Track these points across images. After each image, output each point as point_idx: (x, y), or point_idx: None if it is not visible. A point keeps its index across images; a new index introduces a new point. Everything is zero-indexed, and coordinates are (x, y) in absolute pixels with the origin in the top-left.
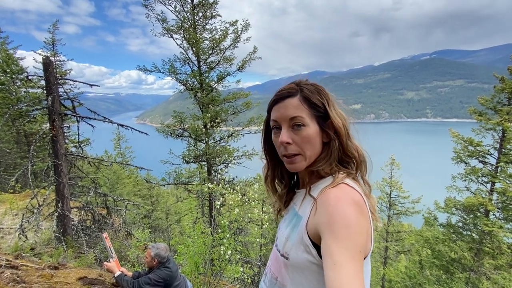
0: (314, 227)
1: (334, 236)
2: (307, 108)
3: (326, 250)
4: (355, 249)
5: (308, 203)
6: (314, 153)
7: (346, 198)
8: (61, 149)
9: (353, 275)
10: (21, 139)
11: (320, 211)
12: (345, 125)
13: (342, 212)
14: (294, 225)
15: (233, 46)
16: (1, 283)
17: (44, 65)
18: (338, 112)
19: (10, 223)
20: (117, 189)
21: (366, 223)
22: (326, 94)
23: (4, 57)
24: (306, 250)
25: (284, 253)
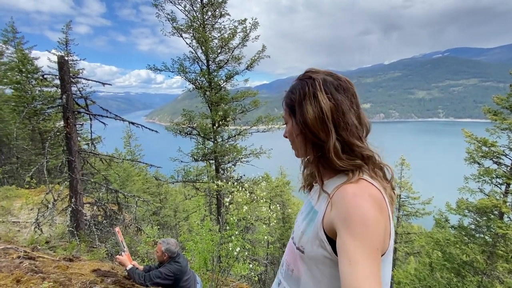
0: (330, 223)
1: (350, 232)
2: (286, 108)
3: (342, 247)
4: (372, 246)
5: (324, 198)
6: (298, 146)
7: (364, 194)
8: (74, 146)
9: (369, 272)
10: (36, 136)
11: (336, 207)
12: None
13: (359, 208)
14: (310, 220)
15: (241, 45)
16: (21, 272)
17: (59, 64)
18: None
19: (26, 217)
20: (127, 186)
21: (384, 219)
22: (300, 89)
23: (20, 57)
24: (321, 245)
25: (299, 247)
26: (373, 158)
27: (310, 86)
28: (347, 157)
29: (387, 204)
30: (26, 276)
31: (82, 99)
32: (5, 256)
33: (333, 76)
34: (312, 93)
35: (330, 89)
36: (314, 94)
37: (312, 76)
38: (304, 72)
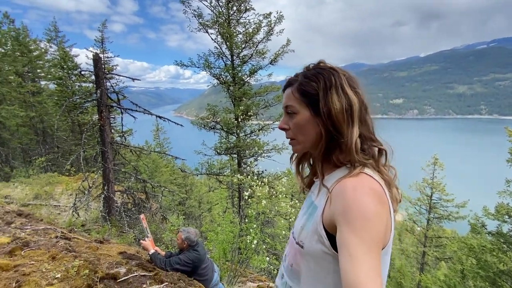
0: (330, 218)
1: (350, 227)
2: (298, 97)
3: (342, 242)
4: (372, 240)
5: (324, 192)
6: (308, 139)
7: (364, 188)
8: (107, 138)
9: (369, 267)
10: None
11: (336, 201)
12: (345, 108)
13: (359, 202)
14: (310, 214)
15: (266, 39)
16: (57, 250)
17: (94, 61)
18: (340, 94)
19: (65, 202)
20: (155, 176)
21: (385, 213)
22: (325, 78)
23: (61, 55)
24: (319, 240)
25: (299, 242)
26: (385, 153)
27: (336, 77)
28: (363, 154)
29: (387, 197)
30: (60, 254)
31: (115, 94)
32: (45, 235)
33: (346, 72)
34: (340, 85)
35: (354, 84)
36: (342, 86)
37: (335, 68)
38: (317, 63)
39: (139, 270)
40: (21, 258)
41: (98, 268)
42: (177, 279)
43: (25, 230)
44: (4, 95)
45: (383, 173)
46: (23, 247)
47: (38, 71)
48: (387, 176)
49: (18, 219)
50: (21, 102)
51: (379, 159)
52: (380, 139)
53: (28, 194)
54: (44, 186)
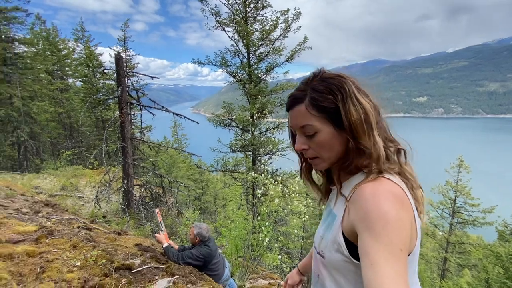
0: (350, 226)
1: (370, 234)
2: (315, 114)
3: (363, 250)
4: (395, 247)
5: (342, 200)
6: (333, 154)
7: (383, 192)
8: (127, 134)
9: (393, 275)
10: (99, 123)
11: (355, 208)
12: (363, 118)
13: (379, 208)
14: (329, 224)
15: (283, 37)
16: (78, 239)
17: (116, 60)
18: (356, 104)
19: (89, 194)
20: (173, 172)
21: (408, 217)
22: (340, 88)
23: (87, 53)
24: (338, 250)
25: (320, 252)
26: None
27: (348, 86)
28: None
29: (410, 200)
30: (81, 243)
31: (135, 91)
32: (68, 225)
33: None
34: (353, 93)
35: (362, 88)
36: (354, 94)
37: (343, 76)
38: (320, 73)
39: (153, 262)
40: (46, 245)
41: (115, 258)
42: (188, 273)
43: (51, 219)
44: (36, 92)
45: (406, 173)
46: (48, 236)
47: (66, 69)
48: (411, 177)
49: (45, 208)
50: (51, 98)
51: (399, 159)
52: (397, 138)
53: (56, 185)
54: (70, 178)
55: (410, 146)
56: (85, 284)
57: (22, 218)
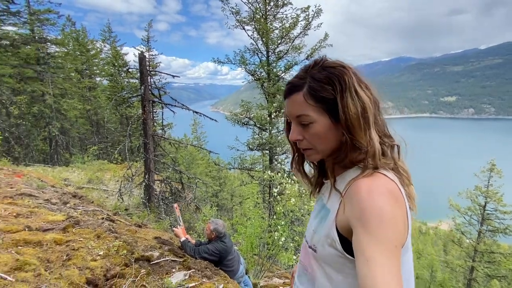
0: (345, 221)
1: (366, 230)
2: (313, 103)
3: (358, 246)
4: (390, 243)
5: (336, 195)
6: (328, 147)
7: (379, 188)
8: (149, 131)
9: (388, 271)
10: (123, 120)
11: (350, 203)
12: (360, 112)
13: (374, 204)
14: (322, 218)
15: (303, 34)
16: (101, 230)
17: (139, 60)
18: (354, 97)
19: (113, 187)
20: (192, 168)
21: (402, 213)
22: (339, 79)
23: (113, 53)
24: (332, 244)
25: (312, 246)
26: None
27: (349, 77)
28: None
29: (403, 196)
30: (104, 234)
31: (157, 90)
32: (93, 216)
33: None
34: (353, 86)
35: (364, 81)
36: (354, 87)
37: (345, 66)
38: (321, 60)
39: (170, 255)
40: (72, 234)
41: (135, 250)
42: (204, 267)
43: (78, 210)
44: (66, 90)
45: (400, 169)
46: (75, 225)
47: (94, 68)
48: (404, 173)
49: (73, 200)
50: (79, 96)
51: (393, 155)
52: (393, 135)
53: (83, 178)
54: (96, 172)
55: (405, 143)
56: (107, 273)
57: (51, 208)
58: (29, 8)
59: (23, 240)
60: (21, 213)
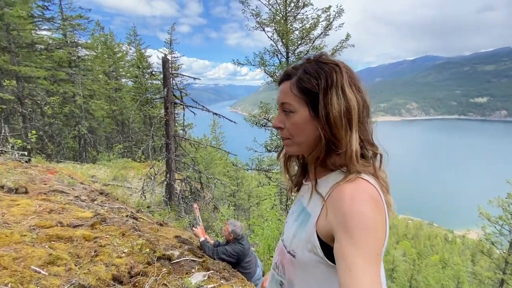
0: (326, 227)
1: (349, 238)
2: (296, 94)
3: (340, 253)
4: (373, 252)
5: (317, 199)
6: (305, 141)
7: (363, 195)
8: (171, 131)
9: (370, 280)
10: (146, 121)
11: (333, 210)
12: (343, 112)
13: (357, 212)
14: (302, 222)
15: (323, 35)
16: (126, 228)
17: (163, 62)
18: (339, 96)
19: (136, 185)
20: (210, 168)
21: (382, 220)
22: (327, 75)
23: (138, 56)
24: (313, 250)
25: (290, 251)
26: (381, 157)
27: (338, 75)
28: (363, 161)
29: (383, 201)
30: (129, 231)
31: (179, 91)
32: (118, 213)
33: (347, 66)
34: (340, 84)
35: (356, 82)
36: (342, 85)
37: (339, 64)
38: (319, 55)
39: (190, 255)
40: (99, 231)
41: (157, 248)
42: (222, 269)
43: (104, 207)
44: (94, 91)
45: (380, 178)
46: (102, 222)
47: (120, 70)
48: (384, 182)
49: (99, 197)
50: (106, 97)
51: (374, 164)
52: (376, 143)
53: (108, 175)
54: (120, 170)
55: (387, 153)
56: (131, 270)
57: (81, 204)
58: (62, 14)
59: (56, 235)
60: (54, 209)
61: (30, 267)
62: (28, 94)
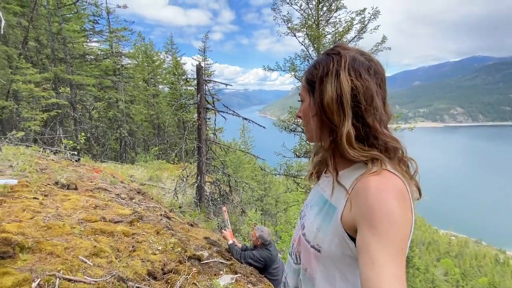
0: (351, 220)
1: (374, 232)
2: (304, 84)
3: (364, 247)
4: (398, 247)
5: (341, 191)
6: (311, 129)
7: (390, 189)
8: (203, 135)
9: (394, 276)
10: (180, 124)
11: (357, 202)
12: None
13: (385, 206)
14: (326, 215)
15: (357, 38)
16: (160, 226)
17: (197, 70)
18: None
19: (169, 185)
20: (239, 171)
21: (410, 215)
22: (323, 65)
23: (174, 63)
24: (341, 243)
25: (315, 245)
26: (398, 151)
27: (335, 62)
28: (361, 147)
29: (410, 197)
30: (162, 230)
31: (211, 97)
32: (153, 212)
33: (365, 55)
34: (335, 71)
35: (359, 69)
36: (337, 72)
37: (340, 52)
38: (333, 46)
39: (219, 257)
40: (137, 228)
41: (188, 248)
42: (249, 273)
43: (141, 205)
44: (135, 97)
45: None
46: (139, 220)
47: (157, 77)
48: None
49: (137, 196)
50: (145, 102)
51: (391, 155)
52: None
53: (145, 175)
54: (156, 171)
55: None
56: (164, 267)
57: (121, 202)
58: (109, 27)
59: (100, 229)
60: (98, 205)
61: (78, 256)
62: (79, 100)
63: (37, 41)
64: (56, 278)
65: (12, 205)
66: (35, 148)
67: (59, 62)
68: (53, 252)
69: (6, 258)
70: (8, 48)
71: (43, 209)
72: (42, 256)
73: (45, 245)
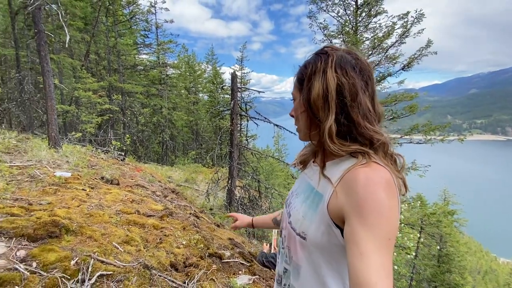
0: (337, 208)
1: (362, 222)
2: (295, 84)
3: (352, 237)
4: (386, 237)
5: (327, 181)
6: (302, 127)
7: (378, 180)
8: (235, 141)
9: (381, 266)
10: (217, 130)
11: (346, 192)
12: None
13: (373, 196)
14: (312, 203)
15: (399, 43)
16: (187, 223)
17: (231, 78)
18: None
19: (203, 188)
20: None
21: (396, 205)
22: (311, 64)
23: (213, 73)
24: (327, 231)
25: (300, 233)
26: (385, 145)
27: (322, 61)
28: (341, 142)
29: (396, 187)
30: (189, 227)
31: (244, 104)
32: (184, 210)
33: (352, 54)
34: (323, 69)
35: (345, 67)
36: (324, 70)
37: (328, 52)
38: (322, 47)
39: (240, 258)
40: (166, 223)
41: (210, 246)
42: (269, 277)
43: (173, 203)
44: (177, 104)
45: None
46: (169, 216)
47: (198, 86)
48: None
49: (171, 194)
50: (186, 109)
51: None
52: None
53: (181, 177)
54: (191, 173)
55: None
56: (186, 261)
57: (155, 198)
58: (157, 40)
59: (133, 221)
60: (135, 199)
61: (112, 242)
62: (129, 106)
63: (97, 54)
64: (91, 258)
65: (64, 194)
66: (89, 148)
67: (114, 72)
68: (92, 236)
69: (53, 237)
70: (73, 60)
71: (89, 199)
72: (83, 239)
73: (86, 229)
